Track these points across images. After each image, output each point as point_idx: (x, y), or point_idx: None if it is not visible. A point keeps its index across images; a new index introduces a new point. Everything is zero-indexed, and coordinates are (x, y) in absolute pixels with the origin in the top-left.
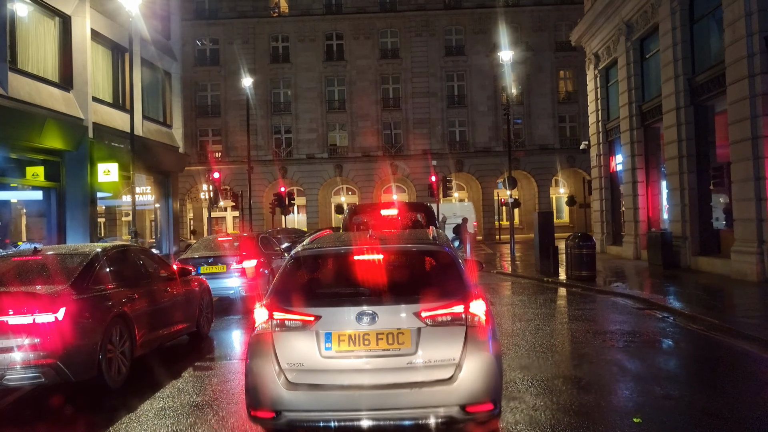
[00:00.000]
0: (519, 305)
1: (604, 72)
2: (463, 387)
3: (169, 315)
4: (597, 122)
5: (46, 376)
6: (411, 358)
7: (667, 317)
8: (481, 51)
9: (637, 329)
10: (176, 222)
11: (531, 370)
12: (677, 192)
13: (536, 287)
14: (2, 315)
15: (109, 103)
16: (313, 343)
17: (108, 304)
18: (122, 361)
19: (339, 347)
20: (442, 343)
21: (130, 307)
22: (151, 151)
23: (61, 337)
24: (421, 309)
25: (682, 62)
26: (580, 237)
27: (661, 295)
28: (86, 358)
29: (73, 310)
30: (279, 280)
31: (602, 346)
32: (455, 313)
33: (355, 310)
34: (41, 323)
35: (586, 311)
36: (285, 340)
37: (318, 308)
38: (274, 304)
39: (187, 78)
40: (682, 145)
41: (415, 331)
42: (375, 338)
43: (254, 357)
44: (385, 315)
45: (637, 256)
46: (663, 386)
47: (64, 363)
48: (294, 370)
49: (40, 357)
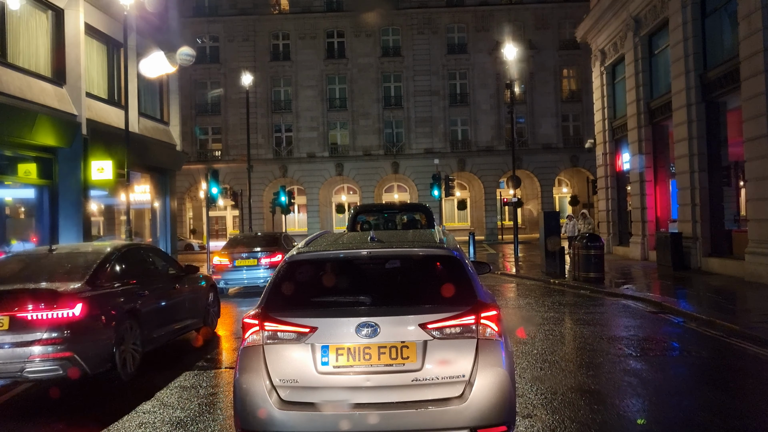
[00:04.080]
0: (526, 308)
1: (610, 69)
2: (475, 407)
3: (178, 311)
4: (603, 120)
5: (64, 369)
6: (416, 375)
7: (682, 322)
8: (483, 49)
9: (653, 335)
10: (174, 221)
11: (544, 382)
12: (687, 191)
13: (543, 289)
14: (22, 311)
15: (104, 99)
16: (308, 357)
17: (121, 301)
18: (134, 354)
19: (337, 362)
20: (451, 357)
21: (141, 304)
22: (147, 149)
23: (78, 331)
24: (428, 320)
25: (694, 57)
26: (588, 237)
27: (674, 297)
28: (101, 351)
29: (89, 306)
30: (271, 286)
31: (618, 354)
32: (465, 324)
33: (355, 321)
34: (59, 318)
35: (597, 315)
36: (277, 354)
37: (314, 318)
38: (265, 314)
39: (186, 76)
40: (692, 143)
41: (421, 344)
42: (377, 352)
43: (243, 372)
44: (388, 326)
45: (645, 256)
46: (690, 402)
47: (80, 356)
48: (287, 387)
49: (58, 350)
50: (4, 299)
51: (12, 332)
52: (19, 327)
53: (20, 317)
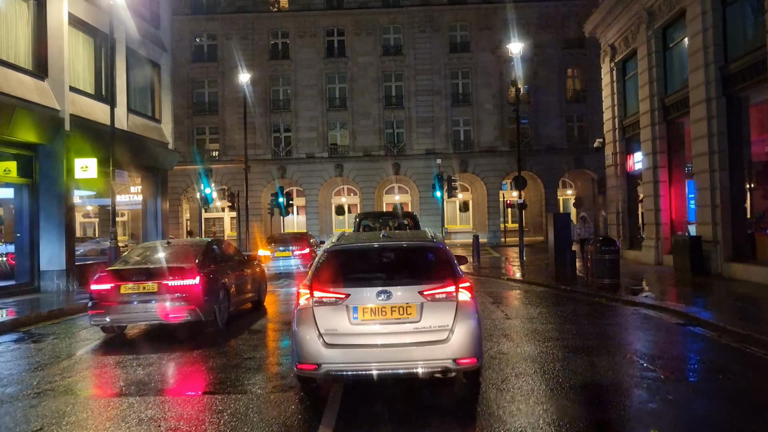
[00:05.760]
0: (539, 320)
1: (620, 65)
2: (455, 346)
3: (245, 286)
4: (612, 118)
5: (190, 315)
6: (416, 325)
7: (716, 337)
8: (486, 48)
9: (686, 353)
10: (166, 221)
11: (569, 416)
12: (707, 192)
13: (554, 297)
14: (165, 279)
15: (90, 94)
16: (344, 314)
17: (218, 276)
18: (224, 312)
19: (363, 317)
20: (439, 313)
21: (228, 279)
22: (137, 147)
23: (197, 293)
24: (424, 289)
25: (714, 49)
26: (602, 241)
27: (700, 307)
28: (209, 307)
29: (203, 278)
30: (317, 268)
31: (657, 379)
32: (448, 292)
33: (375, 290)
34: (187, 285)
35: (619, 328)
36: (323, 313)
37: (347, 288)
38: (314, 286)
39: (183, 74)
40: (712, 140)
41: (419, 305)
42: (390, 310)
43: (300, 325)
44: (398, 293)
45: (659, 261)
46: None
47: (199, 309)
48: (330, 334)
49: (186, 305)
50: (154, 272)
51: (159, 293)
52: (164, 290)
53: (164, 284)
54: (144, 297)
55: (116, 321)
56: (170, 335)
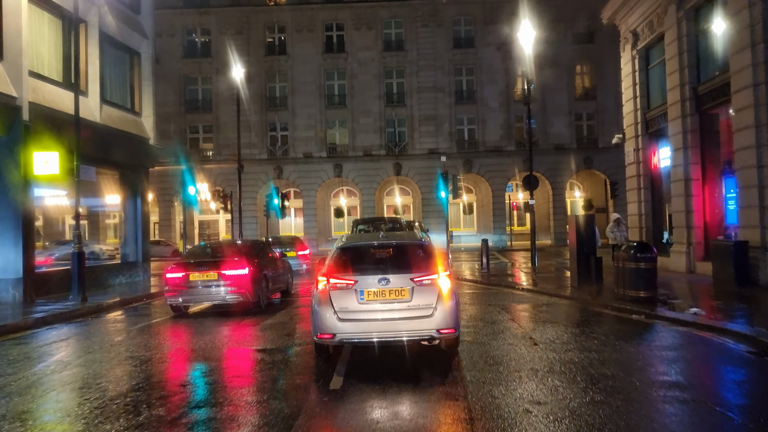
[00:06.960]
0: (569, 348)
1: (643, 52)
2: (438, 319)
3: (279, 278)
4: (634, 111)
5: (242, 297)
6: (408, 304)
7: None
8: (491, 43)
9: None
10: (147, 224)
11: None
12: (753, 191)
13: (580, 313)
14: (223, 269)
15: (57, 81)
16: (353, 296)
17: (261, 267)
18: (265, 297)
19: (368, 298)
20: (426, 295)
21: (267, 271)
22: (112, 141)
23: (248, 281)
24: (414, 276)
25: (762, 27)
26: (636, 247)
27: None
28: (255, 292)
29: (251, 269)
30: (331, 261)
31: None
32: (433, 279)
33: (377, 277)
34: (241, 274)
35: (677, 361)
36: (337, 295)
37: (355, 276)
38: (330, 274)
39: (176, 70)
40: (760, 132)
41: (410, 288)
42: (388, 293)
43: (319, 305)
44: (394, 280)
45: (691, 268)
46: None
47: (249, 293)
48: (342, 311)
49: (239, 290)
50: (216, 263)
51: (219, 280)
52: (223, 278)
53: (222, 273)
54: (207, 283)
55: (186, 301)
56: (225, 313)
